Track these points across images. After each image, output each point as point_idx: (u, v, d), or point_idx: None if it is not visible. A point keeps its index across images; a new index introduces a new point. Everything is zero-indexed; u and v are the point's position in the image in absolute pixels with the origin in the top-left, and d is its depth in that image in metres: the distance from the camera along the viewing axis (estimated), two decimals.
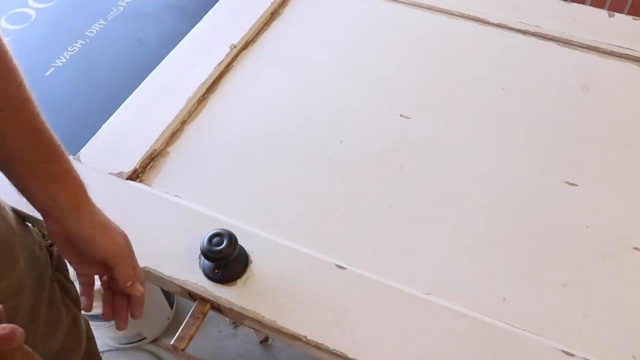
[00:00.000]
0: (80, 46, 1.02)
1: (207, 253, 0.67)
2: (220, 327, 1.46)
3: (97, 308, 1.24)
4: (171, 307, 1.45)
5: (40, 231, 0.79)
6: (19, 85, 0.59)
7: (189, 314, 0.69)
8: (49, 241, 0.80)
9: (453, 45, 1.01)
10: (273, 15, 1.08)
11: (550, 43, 1.01)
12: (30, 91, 0.60)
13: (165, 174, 0.84)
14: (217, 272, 0.70)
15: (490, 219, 0.78)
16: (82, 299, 0.70)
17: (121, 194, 0.79)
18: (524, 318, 0.68)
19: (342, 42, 1.03)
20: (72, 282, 0.87)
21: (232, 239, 0.68)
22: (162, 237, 0.74)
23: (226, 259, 0.67)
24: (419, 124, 0.89)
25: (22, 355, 0.57)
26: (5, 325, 0.55)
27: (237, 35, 1.01)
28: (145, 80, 0.94)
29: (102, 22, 1.06)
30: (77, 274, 0.69)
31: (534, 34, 1.02)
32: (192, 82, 0.94)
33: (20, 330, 0.54)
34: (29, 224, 0.78)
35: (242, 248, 0.71)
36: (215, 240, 0.67)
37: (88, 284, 0.70)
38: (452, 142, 0.87)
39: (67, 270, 0.86)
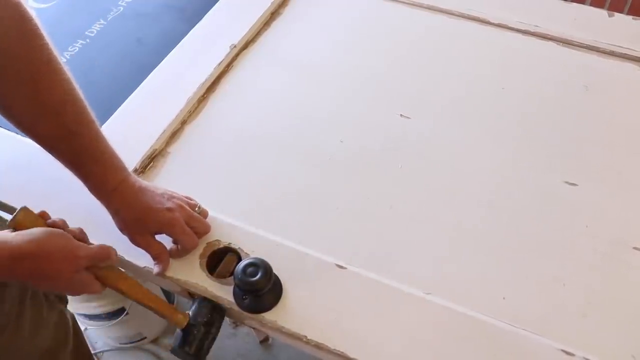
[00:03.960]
0: (80, 46, 1.02)
1: (240, 284, 0.66)
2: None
3: (98, 308, 1.25)
4: None
5: None
6: (57, 88, 0.63)
7: None
8: None
9: (453, 45, 1.01)
10: (273, 15, 1.08)
11: (550, 43, 1.01)
12: (70, 90, 0.64)
13: (165, 174, 0.84)
14: (245, 299, 0.68)
15: (490, 219, 0.78)
16: (156, 267, 0.71)
17: None
18: (523, 317, 0.68)
19: (342, 42, 1.03)
20: None
21: (266, 270, 0.66)
22: (162, 237, 0.74)
23: (260, 290, 0.66)
24: (419, 124, 0.89)
25: (115, 273, 0.66)
26: (103, 245, 0.64)
27: (237, 35, 1.01)
28: (145, 80, 0.94)
29: (102, 22, 1.06)
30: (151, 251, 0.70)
31: (534, 34, 1.02)
32: (192, 82, 0.94)
33: (114, 250, 0.64)
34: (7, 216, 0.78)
35: (277, 279, 0.69)
36: (249, 270, 0.66)
37: (161, 251, 0.71)
38: (452, 142, 0.87)
39: None
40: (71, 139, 0.65)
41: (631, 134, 0.88)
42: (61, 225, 0.65)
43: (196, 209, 0.74)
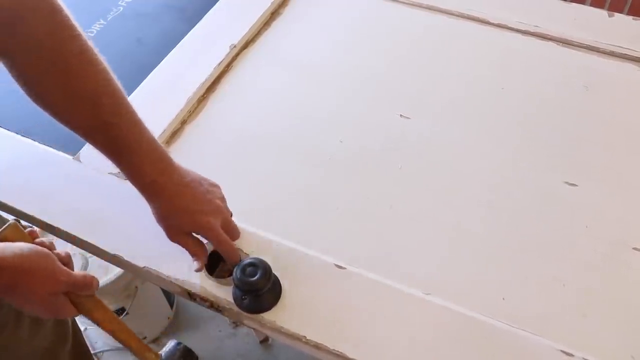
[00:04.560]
0: None
1: (239, 284, 0.65)
2: (220, 327, 1.46)
3: None
4: (171, 307, 1.46)
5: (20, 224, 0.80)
6: (93, 80, 0.62)
7: None
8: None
9: (453, 45, 1.01)
10: (273, 15, 1.08)
11: (550, 43, 1.01)
12: (107, 81, 0.63)
13: None
14: (244, 299, 0.68)
15: (490, 219, 0.78)
16: (195, 263, 0.69)
17: (121, 194, 0.79)
18: (523, 318, 0.68)
19: (342, 42, 1.03)
20: None
21: (266, 270, 0.65)
22: (162, 237, 0.74)
23: (259, 290, 0.66)
24: (419, 124, 0.89)
25: (93, 302, 0.65)
26: (86, 273, 0.63)
27: (237, 35, 1.01)
28: (145, 80, 0.94)
29: (102, 22, 1.06)
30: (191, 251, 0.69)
31: (534, 34, 1.02)
32: (192, 82, 0.94)
33: (97, 280, 0.64)
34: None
35: (276, 279, 0.69)
36: (248, 270, 0.65)
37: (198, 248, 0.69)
38: (452, 142, 0.87)
39: None
40: (107, 130, 0.63)
41: (631, 134, 0.87)
42: (48, 246, 0.64)
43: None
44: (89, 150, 0.84)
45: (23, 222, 0.80)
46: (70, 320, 0.92)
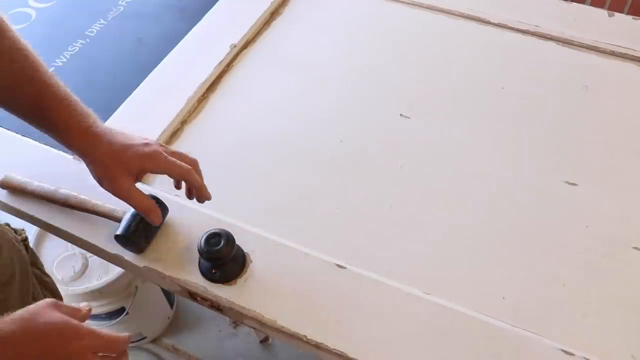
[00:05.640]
0: (80, 46, 1.02)
1: (204, 253, 0.67)
2: (220, 326, 1.46)
3: (98, 308, 1.25)
4: (171, 306, 1.46)
5: (10, 227, 0.80)
6: None
7: None
8: (22, 236, 0.81)
9: (453, 45, 1.01)
10: (273, 14, 1.08)
11: (550, 43, 1.01)
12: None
13: None
14: (215, 272, 0.70)
15: (490, 219, 0.78)
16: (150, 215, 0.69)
17: None
18: (523, 317, 0.68)
19: (342, 42, 1.03)
20: (48, 275, 0.88)
21: (229, 239, 0.67)
22: (162, 237, 0.74)
23: (223, 259, 0.67)
24: (419, 123, 0.89)
25: None
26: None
27: (237, 35, 1.01)
28: (145, 80, 0.94)
29: (102, 21, 1.06)
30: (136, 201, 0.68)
31: (534, 34, 1.02)
32: (192, 82, 0.94)
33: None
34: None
35: (239, 248, 0.71)
36: (213, 240, 0.67)
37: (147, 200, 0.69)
38: (452, 141, 0.87)
39: (42, 264, 0.88)
40: (30, 84, 0.63)
41: (631, 134, 0.87)
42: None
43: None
44: None
45: (25, 225, 0.81)
46: None
